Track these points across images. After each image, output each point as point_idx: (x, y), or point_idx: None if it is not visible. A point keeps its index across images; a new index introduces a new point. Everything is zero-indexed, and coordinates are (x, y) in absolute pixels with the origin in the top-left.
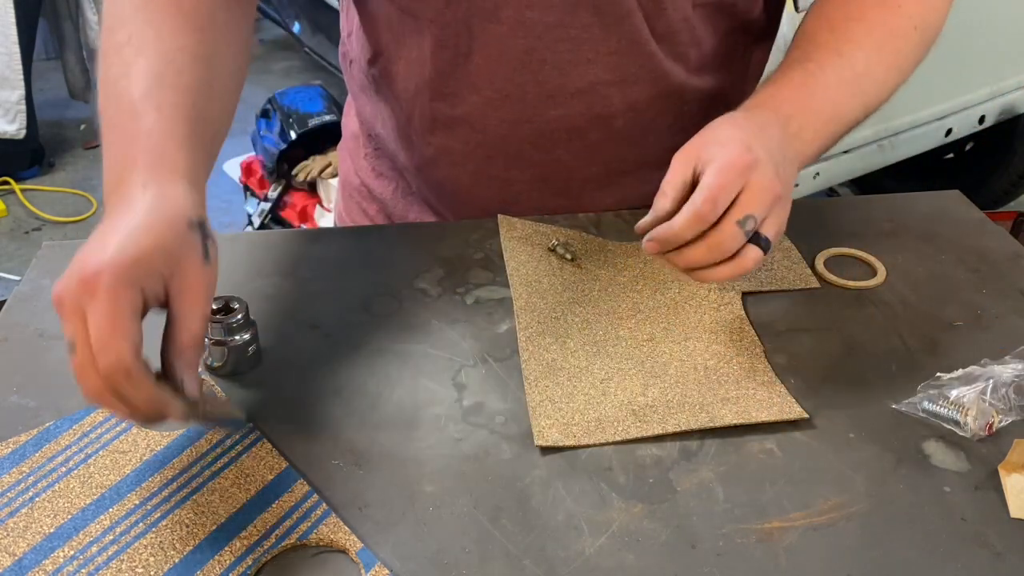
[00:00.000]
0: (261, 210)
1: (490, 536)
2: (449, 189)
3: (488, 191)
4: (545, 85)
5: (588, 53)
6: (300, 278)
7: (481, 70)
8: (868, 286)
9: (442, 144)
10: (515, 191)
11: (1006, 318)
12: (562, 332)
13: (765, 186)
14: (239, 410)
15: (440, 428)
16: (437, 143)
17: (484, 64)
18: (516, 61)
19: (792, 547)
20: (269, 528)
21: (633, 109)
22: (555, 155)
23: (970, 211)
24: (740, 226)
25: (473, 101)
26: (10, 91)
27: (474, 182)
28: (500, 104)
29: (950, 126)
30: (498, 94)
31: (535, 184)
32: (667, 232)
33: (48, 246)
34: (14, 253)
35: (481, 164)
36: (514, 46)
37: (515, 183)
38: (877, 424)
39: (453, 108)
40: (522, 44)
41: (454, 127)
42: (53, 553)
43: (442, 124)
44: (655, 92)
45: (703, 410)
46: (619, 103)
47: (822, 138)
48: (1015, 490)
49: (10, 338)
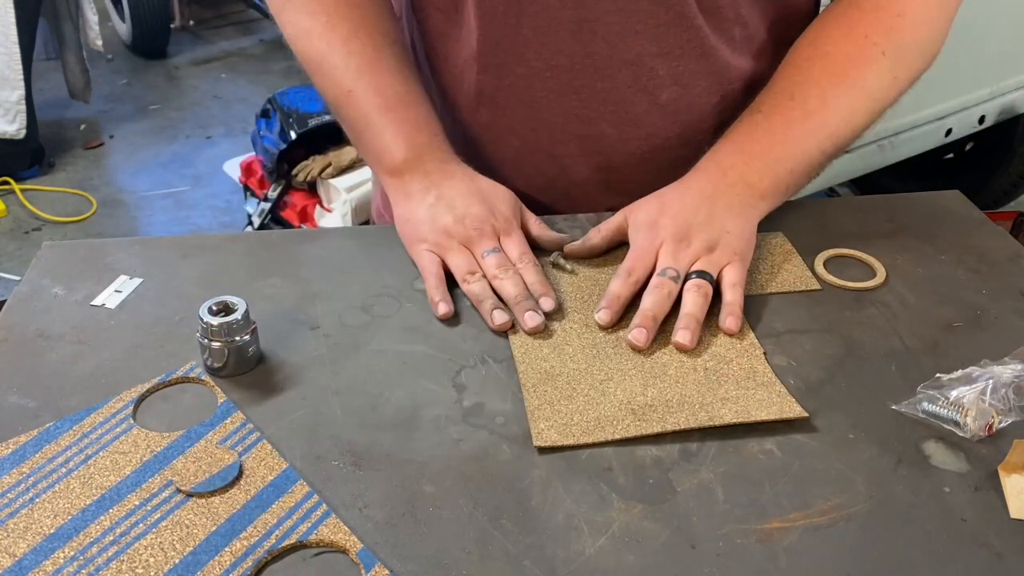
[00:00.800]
0: (261, 210)
1: (490, 536)
2: (493, 166)
3: (531, 166)
4: (593, 56)
5: (636, 24)
6: (300, 278)
7: (530, 41)
8: (868, 287)
9: (487, 120)
10: (559, 166)
11: (1006, 318)
12: (559, 340)
13: (672, 248)
14: None
15: (440, 429)
16: (482, 119)
17: (533, 35)
18: (565, 31)
19: (792, 547)
20: (269, 528)
21: (678, 83)
22: (600, 128)
23: (970, 211)
24: (662, 275)
25: (520, 73)
26: (10, 91)
27: (518, 157)
28: (547, 75)
29: (950, 126)
30: (546, 65)
31: (578, 159)
32: (609, 295)
33: (48, 246)
34: (14, 253)
35: (526, 138)
36: (563, 16)
37: (560, 158)
38: (877, 424)
39: (500, 80)
40: (571, 14)
41: (500, 101)
42: (53, 554)
43: (488, 98)
44: (700, 68)
45: (703, 409)
46: (665, 75)
47: (774, 175)
48: (1015, 490)
49: (10, 338)
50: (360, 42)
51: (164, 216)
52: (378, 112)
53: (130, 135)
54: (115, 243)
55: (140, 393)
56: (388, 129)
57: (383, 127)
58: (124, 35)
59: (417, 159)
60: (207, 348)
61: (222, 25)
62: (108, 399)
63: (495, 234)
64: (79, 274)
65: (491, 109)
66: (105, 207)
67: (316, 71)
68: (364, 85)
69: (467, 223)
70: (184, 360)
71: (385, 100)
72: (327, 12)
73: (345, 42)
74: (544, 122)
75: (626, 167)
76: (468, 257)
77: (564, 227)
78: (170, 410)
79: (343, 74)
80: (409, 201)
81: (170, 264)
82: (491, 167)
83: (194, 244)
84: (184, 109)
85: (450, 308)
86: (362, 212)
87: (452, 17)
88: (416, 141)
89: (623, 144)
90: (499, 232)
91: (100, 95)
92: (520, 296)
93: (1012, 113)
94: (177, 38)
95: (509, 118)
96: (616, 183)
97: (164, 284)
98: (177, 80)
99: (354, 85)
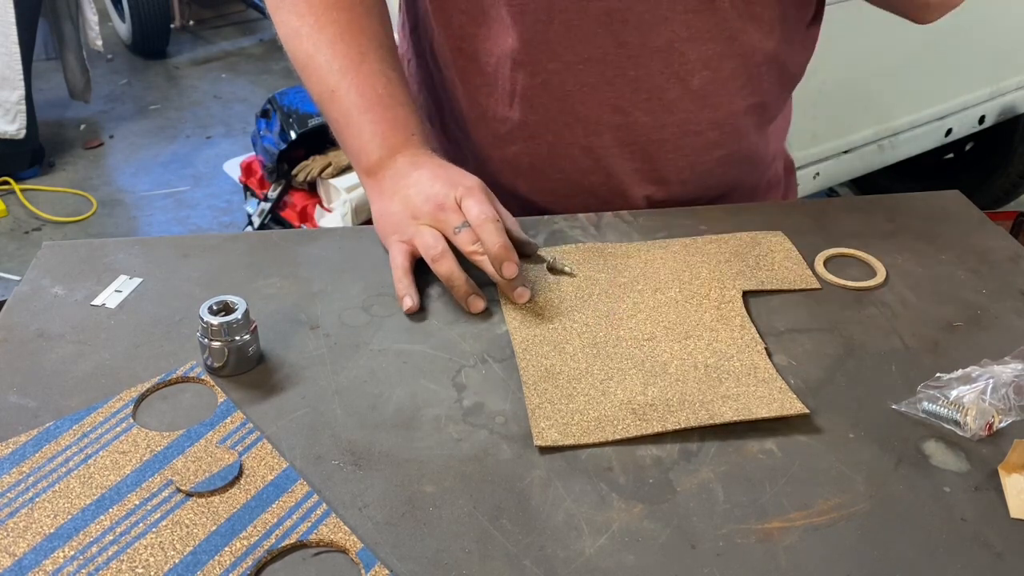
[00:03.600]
0: (261, 210)
1: (490, 536)
2: (525, 163)
3: (567, 160)
4: (625, 46)
5: (665, 11)
6: (300, 278)
7: (561, 36)
8: (868, 286)
9: (521, 117)
10: (594, 157)
11: (1006, 318)
12: (560, 339)
13: None
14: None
15: (440, 428)
16: (516, 117)
17: (564, 30)
18: (596, 24)
19: (792, 547)
20: (269, 528)
21: (708, 67)
22: (633, 117)
23: (970, 211)
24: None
25: (552, 68)
26: (10, 91)
27: (552, 152)
28: (580, 69)
29: (950, 126)
30: (578, 58)
31: (614, 150)
32: None
33: (48, 246)
34: (14, 253)
35: (561, 133)
36: (593, 8)
37: (595, 149)
38: (877, 424)
39: (533, 78)
40: (601, 6)
41: (534, 97)
42: (53, 553)
43: (521, 95)
44: (727, 50)
45: (703, 407)
46: (695, 61)
47: None
48: (1015, 490)
49: (10, 338)
50: (345, 44)
51: (164, 216)
52: (357, 112)
53: (130, 135)
54: (115, 243)
55: (140, 393)
56: (366, 129)
57: (361, 127)
58: (124, 35)
59: (391, 158)
60: (207, 348)
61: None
62: (108, 399)
63: (457, 205)
64: (79, 274)
65: (524, 107)
66: (105, 207)
67: (303, 70)
68: (347, 85)
69: (430, 201)
70: (184, 360)
71: (365, 100)
72: (315, 14)
73: (331, 43)
74: (579, 116)
75: (661, 153)
76: (434, 234)
77: (564, 227)
78: (170, 410)
79: (327, 74)
80: (382, 198)
81: (170, 264)
82: (526, 165)
83: (194, 244)
84: (184, 109)
85: (415, 303)
86: (362, 212)
87: (477, 18)
88: (391, 141)
89: (658, 131)
90: (459, 200)
91: (100, 95)
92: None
93: (1012, 113)
94: (177, 38)
95: (542, 114)
96: (652, 171)
97: (164, 284)
98: (177, 80)
99: (337, 85)
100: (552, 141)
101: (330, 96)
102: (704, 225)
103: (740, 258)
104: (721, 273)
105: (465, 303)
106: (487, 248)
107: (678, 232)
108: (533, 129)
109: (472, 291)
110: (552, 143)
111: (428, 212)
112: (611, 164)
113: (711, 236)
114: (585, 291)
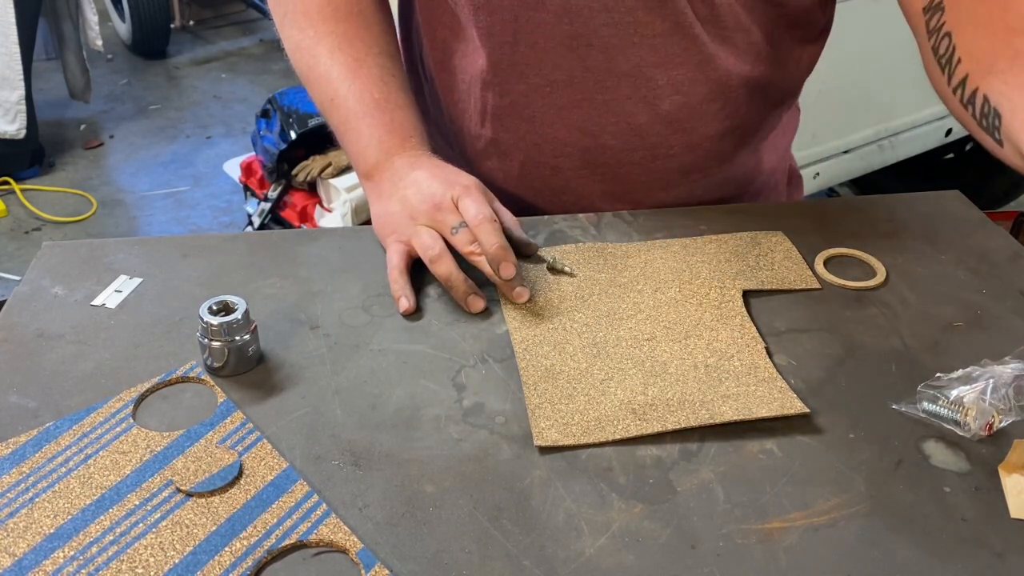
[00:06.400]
0: (261, 210)
1: (490, 536)
2: (498, 181)
3: (537, 180)
4: (592, 70)
5: (633, 36)
6: (300, 278)
7: (528, 59)
8: (868, 286)
9: (492, 135)
10: (563, 179)
11: (1006, 318)
12: (560, 339)
13: None
14: None
15: (440, 428)
16: (487, 135)
17: (530, 52)
18: (562, 47)
19: (792, 547)
20: (269, 528)
21: (679, 92)
22: (602, 140)
23: (970, 211)
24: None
25: (520, 90)
26: (10, 91)
27: (523, 171)
28: (548, 91)
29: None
30: (545, 81)
31: (583, 172)
32: None
33: (48, 246)
34: (14, 253)
35: (530, 153)
36: (559, 32)
37: (564, 171)
38: (877, 424)
39: (502, 98)
40: (567, 30)
41: (503, 117)
42: (53, 553)
43: (491, 115)
44: (701, 75)
45: (703, 407)
46: (665, 86)
47: None
48: (1015, 490)
49: (10, 338)
50: (343, 53)
51: (164, 216)
52: (355, 117)
53: (130, 135)
54: (115, 243)
55: (140, 393)
56: (363, 133)
57: (359, 132)
58: (124, 35)
59: (388, 160)
60: (207, 348)
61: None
62: (108, 399)
63: (455, 205)
64: (79, 274)
65: (495, 125)
66: (105, 207)
67: (307, 81)
68: (345, 92)
69: (428, 201)
70: (184, 360)
71: (362, 106)
72: (314, 26)
73: (330, 53)
74: (547, 137)
75: (631, 176)
76: (432, 234)
77: (564, 227)
78: (170, 410)
79: (327, 83)
80: (381, 199)
81: (170, 264)
82: (498, 181)
83: (194, 244)
84: (184, 109)
85: (411, 303)
86: (362, 212)
87: (458, 33)
88: (388, 144)
89: (627, 155)
90: (457, 200)
91: (100, 95)
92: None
93: None
94: (177, 38)
95: (512, 134)
96: (624, 193)
97: (164, 284)
98: (177, 80)
99: (336, 93)
100: (522, 160)
101: (330, 103)
102: (704, 225)
103: (740, 258)
104: (721, 273)
105: (464, 303)
106: (484, 248)
107: (678, 232)
108: (504, 147)
109: (471, 291)
110: (523, 162)
111: (425, 212)
112: (581, 186)
113: (711, 236)
114: (585, 291)
